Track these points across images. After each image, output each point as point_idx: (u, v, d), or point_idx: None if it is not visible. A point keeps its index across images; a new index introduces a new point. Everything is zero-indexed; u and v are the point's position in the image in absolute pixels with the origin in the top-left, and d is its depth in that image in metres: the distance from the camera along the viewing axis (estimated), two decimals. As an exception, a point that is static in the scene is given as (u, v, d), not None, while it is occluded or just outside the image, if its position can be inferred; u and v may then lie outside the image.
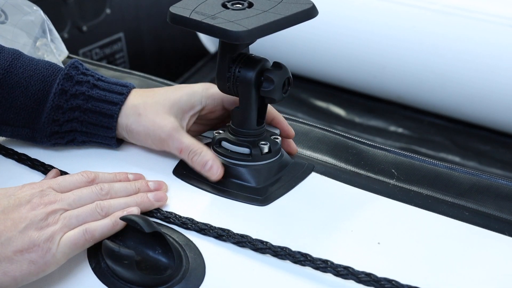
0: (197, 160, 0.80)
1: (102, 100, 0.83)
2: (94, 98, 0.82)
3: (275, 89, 0.78)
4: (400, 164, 0.86)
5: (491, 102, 1.63)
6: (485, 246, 0.74)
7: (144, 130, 0.82)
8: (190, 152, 0.80)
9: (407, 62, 1.69)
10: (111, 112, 0.82)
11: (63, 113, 0.82)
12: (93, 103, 0.82)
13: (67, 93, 0.82)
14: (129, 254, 0.68)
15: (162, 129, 0.81)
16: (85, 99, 0.82)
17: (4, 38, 0.98)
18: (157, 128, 0.81)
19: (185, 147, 0.81)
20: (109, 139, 0.84)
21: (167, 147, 0.82)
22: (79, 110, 0.82)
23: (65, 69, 0.83)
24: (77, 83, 0.83)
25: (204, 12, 0.75)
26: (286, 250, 0.70)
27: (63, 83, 0.82)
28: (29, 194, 0.71)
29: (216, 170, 0.79)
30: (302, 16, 0.76)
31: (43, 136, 0.83)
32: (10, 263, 0.67)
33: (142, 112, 0.82)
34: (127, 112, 0.82)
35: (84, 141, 0.85)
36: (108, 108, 0.82)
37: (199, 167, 0.80)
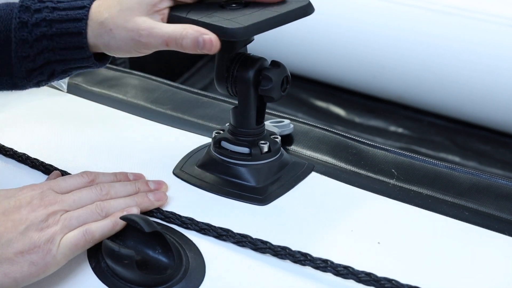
0: (187, 43, 0.74)
1: (65, 20, 0.77)
2: (56, 21, 0.77)
3: (274, 88, 0.78)
4: (400, 164, 0.86)
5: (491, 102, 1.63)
6: (485, 246, 0.74)
7: (122, 42, 0.76)
8: (176, 40, 0.75)
9: (407, 62, 1.69)
10: (78, 30, 0.77)
11: (30, 47, 0.77)
12: (57, 25, 0.77)
13: (28, 24, 0.77)
14: (129, 254, 0.68)
15: (139, 32, 0.75)
16: (48, 25, 0.77)
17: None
18: (133, 34, 0.75)
19: (168, 37, 0.75)
20: (86, 60, 0.79)
21: (153, 47, 0.77)
22: (45, 38, 0.77)
23: (20, 1, 0.78)
24: (35, 11, 0.78)
25: (201, 11, 0.75)
26: (286, 249, 0.70)
27: (20, 15, 0.77)
28: (29, 196, 0.71)
29: (210, 42, 0.74)
30: (298, 13, 0.76)
31: (21, 78, 0.79)
32: (10, 264, 0.67)
33: (112, 26, 0.76)
34: (99, 32, 0.77)
35: (65, 70, 0.80)
36: (74, 26, 0.77)
37: (192, 48, 0.75)
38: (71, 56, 0.78)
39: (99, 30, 0.77)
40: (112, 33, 0.76)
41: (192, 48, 0.74)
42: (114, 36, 0.76)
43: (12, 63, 0.78)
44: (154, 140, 0.91)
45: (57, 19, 0.77)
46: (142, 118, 0.97)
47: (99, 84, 1.05)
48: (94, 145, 0.87)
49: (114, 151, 0.86)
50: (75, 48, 0.77)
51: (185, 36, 0.74)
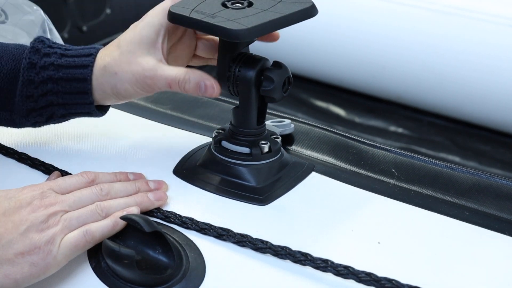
0: (190, 87, 0.77)
1: (72, 66, 0.80)
2: (64, 66, 0.80)
3: (275, 88, 0.78)
4: (400, 163, 0.86)
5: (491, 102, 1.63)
6: (485, 246, 0.74)
7: (129, 84, 0.79)
8: (179, 83, 0.78)
9: (407, 62, 1.69)
10: (84, 75, 0.80)
11: (35, 88, 0.80)
12: (64, 71, 0.80)
13: (36, 66, 0.80)
14: (129, 254, 0.68)
15: (144, 75, 0.78)
16: (55, 69, 0.80)
17: (4, 37, 0.98)
18: (139, 77, 0.78)
19: (172, 80, 0.78)
20: (87, 106, 0.81)
21: (158, 89, 0.79)
22: (51, 81, 0.80)
23: (31, 43, 0.81)
24: (44, 55, 0.81)
25: (204, 11, 0.75)
26: (286, 249, 0.70)
27: (31, 56, 0.80)
28: (29, 196, 0.71)
29: (211, 87, 0.77)
30: (302, 15, 0.76)
31: (21, 116, 0.81)
32: (11, 265, 0.67)
33: (117, 69, 0.79)
34: (104, 77, 0.79)
35: (64, 114, 0.82)
36: (80, 72, 0.80)
37: (194, 92, 0.78)
38: (74, 100, 0.81)
39: (104, 75, 0.80)
40: (117, 77, 0.79)
41: (194, 91, 0.78)
42: (120, 79, 0.79)
43: (15, 101, 0.81)
44: (154, 140, 0.91)
45: (64, 65, 0.80)
46: (142, 118, 0.97)
47: (99, 84, 1.04)
48: (94, 144, 0.87)
49: (114, 151, 0.86)
50: (78, 93, 0.80)
51: (188, 80, 0.77)
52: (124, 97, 0.81)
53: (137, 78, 0.78)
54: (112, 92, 0.80)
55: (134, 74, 0.78)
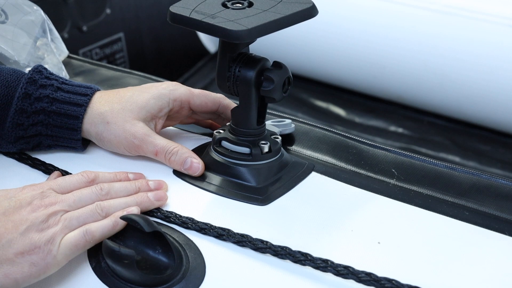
0: (175, 160, 0.81)
1: (67, 102, 0.82)
2: (58, 101, 0.82)
3: (275, 89, 0.78)
4: (400, 163, 0.86)
5: (491, 102, 1.63)
6: (485, 246, 0.74)
7: (115, 138, 0.82)
8: (166, 153, 0.81)
9: (407, 62, 1.69)
10: (76, 114, 0.82)
11: (27, 117, 0.82)
12: (58, 105, 0.82)
13: (31, 97, 0.81)
14: (129, 254, 0.68)
15: (134, 135, 0.81)
16: (49, 102, 0.82)
17: (4, 38, 0.98)
18: (128, 135, 0.81)
19: (160, 149, 0.81)
20: (74, 141, 0.84)
21: (142, 152, 0.82)
22: (44, 113, 0.82)
23: (29, 73, 0.83)
24: (41, 86, 0.82)
25: (204, 12, 0.75)
26: (286, 249, 0.70)
27: (27, 86, 0.82)
28: (29, 196, 0.71)
29: (197, 166, 0.80)
30: (302, 15, 0.76)
31: (8, 142, 0.83)
32: (11, 265, 0.67)
33: (110, 119, 0.82)
34: (95, 121, 0.82)
35: (50, 145, 0.84)
36: (73, 110, 0.82)
37: (178, 166, 0.81)
38: (62, 134, 0.83)
39: (95, 119, 0.82)
40: (108, 126, 0.81)
41: (178, 166, 0.81)
42: (109, 129, 0.81)
43: (4, 127, 0.82)
44: (154, 140, 0.91)
45: (59, 99, 0.82)
46: (142, 118, 0.97)
47: (99, 84, 1.04)
48: (94, 144, 0.87)
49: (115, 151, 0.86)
50: (68, 128, 0.83)
51: (175, 153, 0.81)
52: (103, 145, 0.84)
53: (126, 135, 0.81)
54: (96, 137, 0.83)
55: (125, 131, 0.81)
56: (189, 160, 0.80)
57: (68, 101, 0.82)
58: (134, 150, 0.82)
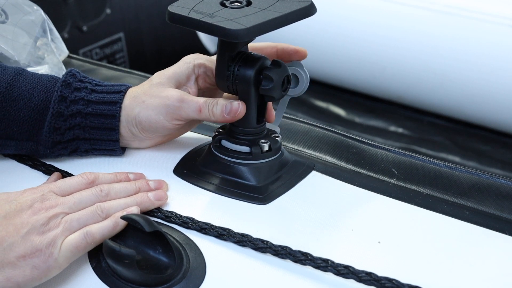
0: (217, 109, 0.79)
1: (102, 103, 0.83)
2: (93, 102, 0.83)
3: (275, 87, 0.78)
4: (400, 163, 0.86)
5: (491, 102, 1.63)
6: (485, 246, 0.74)
7: (153, 110, 0.81)
8: (209, 105, 0.80)
9: (407, 62, 1.70)
10: (112, 112, 0.82)
11: (64, 120, 0.82)
12: (93, 106, 0.82)
13: (67, 100, 0.82)
14: (129, 254, 0.68)
15: (172, 98, 0.81)
16: (85, 104, 0.82)
17: (5, 37, 0.98)
18: (166, 100, 0.81)
19: (203, 103, 0.80)
20: (112, 143, 0.83)
21: (184, 114, 0.81)
22: (80, 115, 0.82)
23: (63, 77, 0.84)
24: (75, 89, 0.83)
25: (203, 11, 0.75)
26: (286, 249, 0.70)
27: (62, 89, 0.82)
28: (30, 199, 0.71)
29: (236, 107, 0.79)
30: (301, 14, 0.76)
31: (46, 147, 0.83)
32: (13, 268, 0.67)
33: (145, 98, 0.82)
34: (132, 105, 0.82)
35: (87, 149, 0.84)
36: (109, 109, 0.82)
37: (220, 114, 0.79)
38: (100, 136, 0.83)
39: (131, 104, 0.82)
40: (144, 104, 0.81)
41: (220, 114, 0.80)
42: (146, 106, 0.81)
43: (42, 132, 0.82)
44: (155, 140, 0.91)
45: (94, 100, 0.83)
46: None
47: (99, 84, 1.04)
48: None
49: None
50: (105, 129, 0.83)
51: (216, 103, 0.80)
52: (144, 128, 0.83)
53: (164, 102, 0.81)
54: (135, 121, 0.82)
55: (162, 98, 0.81)
56: (228, 105, 0.79)
57: (103, 100, 0.82)
58: (176, 114, 0.81)
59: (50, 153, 0.83)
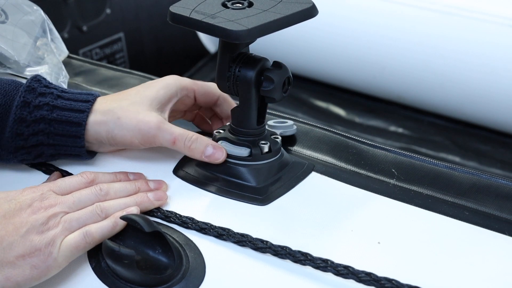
0: (196, 147, 0.79)
1: (68, 109, 0.80)
2: (59, 108, 0.80)
3: (275, 89, 0.78)
4: (400, 163, 0.86)
5: (491, 102, 1.63)
6: (485, 246, 0.74)
7: (128, 132, 0.79)
8: (186, 140, 0.79)
9: (407, 62, 1.69)
10: (79, 120, 0.79)
11: (27, 126, 0.79)
12: (58, 112, 0.79)
13: (30, 105, 0.79)
14: (129, 254, 0.68)
15: (149, 124, 0.78)
16: (50, 110, 0.79)
17: (4, 38, 0.98)
18: (143, 125, 0.78)
19: (179, 136, 0.79)
20: (78, 149, 0.81)
21: (158, 142, 0.79)
22: (44, 121, 0.79)
23: (27, 82, 0.81)
24: (40, 94, 0.80)
25: (204, 12, 0.75)
26: (286, 249, 0.70)
27: (25, 95, 0.79)
28: (29, 198, 0.71)
29: (220, 153, 0.78)
30: (302, 15, 0.76)
31: (8, 153, 0.80)
32: (12, 268, 0.67)
33: (121, 114, 0.79)
34: (104, 119, 0.79)
35: (53, 154, 0.81)
36: (75, 116, 0.79)
37: (198, 154, 0.79)
38: (65, 143, 0.80)
39: (105, 117, 0.79)
40: (119, 122, 0.79)
41: (198, 154, 0.78)
42: (121, 124, 0.79)
43: (4, 137, 0.79)
44: (154, 140, 0.91)
45: (59, 106, 0.79)
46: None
47: (99, 84, 1.04)
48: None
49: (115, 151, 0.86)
50: (70, 136, 0.80)
51: (195, 140, 0.78)
52: (116, 144, 0.81)
53: (140, 127, 0.78)
54: (107, 136, 0.80)
55: (139, 122, 0.79)
56: (210, 148, 0.78)
57: (69, 107, 0.80)
58: (150, 141, 0.79)
59: (13, 157, 0.81)
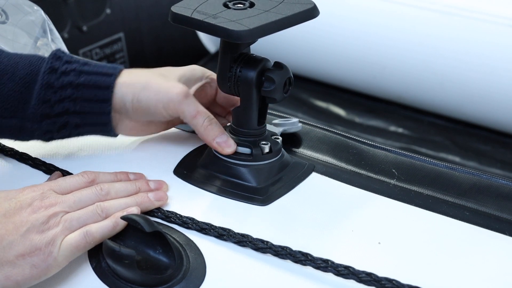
0: (212, 129, 0.78)
1: (96, 73, 0.79)
2: (86, 72, 0.79)
3: (276, 89, 0.78)
4: (400, 164, 0.86)
5: (491, 102, 1.63)
6: (485, 246, 0.74)
7: (155, 95, 0.78)
8: (206, 118, 0.79)
9: (407, 62, 1.70)
10: (106, 83, 0.78)
11: (54, 92, 0.78)
12: (86, 77, 0.79)
13: (57, 71, 0.79)
14: (129, 254, 0.68)
15: (177, 90, 0.78)
16: (77, 75, 0.79)
17: (5, 38, 0.98)
18: (171, 90, 0.78)
19: (202, 112, 0.79)
20: (104, 116, 0.79)
21: (181, 111, 0.79)
22: (71, 86, 0.78)
23: (53, 51, 0.81)
24: (66, 62, 0.80)
25: (206, 12, 0.75)
26: (287, 249, 0.70)
27: (52, 61, 0.79)
28: (30, 197, 0.71)
29: (230, 144, 0.78)
30: (304, 16, 0.76)
31: (33, 122, 0.79)
32: (12, 267, 0.67)
33: (150, 80, 0.79)
34: (133, 81, 0.79)
35: (78, 124, 0.80)
36: (103, 80, 0.79)
37: (212, 137, 0.78)
38: (91, 109, 0.79)
39: (133, 80, 0.79)
40: (147, 84, 0.79)
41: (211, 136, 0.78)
42: (149, 87, 0.78)
43: (29, 105, 0.78)
44: (155, 140, 0.91)
45: (87, 71, 0.79)
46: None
47: (99, 84, 1.04)
48: (95, 144, 0.87)
49: (115, 151, 0.86)
50: (97, 100, 0.79)
51: (215, 122, 0.79)
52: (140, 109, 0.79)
53: (169, 90, 0.78)
54: (132, 99, 0.79)
55: (168, 87, 0.79)
56: (224, 136, 0.78)
57: (97, 71, 0.79)
58: (173, 108, 0.79)
59: (38, 128, 0.80)
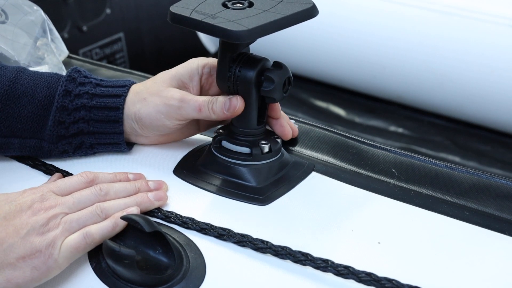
0: (217, 106, 0.80)
1: (106, 96, 0.83)
2: (97, 95, 0.83)
3: (276, 89, 0.78)
4: (400, 163, 0.86)
5: (491, 102, 1.63)
6: (485, 246, 0.74)
7: (154, 108, 0.81)
8: (208, 104, 0.80)
9: (407, 62, 1.70)
10: (116, 105, 0.82)
11: (68, 114, 0.82)
12: (97, 99, 0.83)
13: (71, 94, 0.82)
14: (129, 254, 0.68)
15: (172, 97, 0.81)
16: (89, 98, 0.83)
17: (5, 38, 0.98)
18: (166, 100, 0.81)
19: (203, 102, 0.80)
20: (117, 135, 0.83)
21: (184, 113, 0.81)
22: (84, 109, 0.82)
23: (68, 72, 0.84)
24: (80, 84, 0.83)
25: (205, 12, 0.75)
26: (286, 249, 0.70)
27: (67, 84, 0.83)
28: (30, 200, 0.71)
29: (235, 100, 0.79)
30: (303, 15, 0.76)
31: (50, 143, 0.83)
32: (13, 270, 0.67)
33: (146, 95, 0.82)
34: (133, 100, 0.83)
35: (92, 144, 0.84)
36: (113, 101, 0.83)
37: (221, 111, 0.80)
38: (104, 129, 0.83)
39: (133, 100, 0.83)
40: (145, 102, 0.82)
41: (220, 110, 0.80)
42: (147, 103, 0.82)
43: (46, 127, 0.82)
44: (155, 140, 0.92)
45: (98, 94, 0.83)
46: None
47: (99, 84, 1.04)
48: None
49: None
50: (109, 121, 0.83)
51: (215, 100, 0.80)
52: (144, 125, 0.83)
53: (164, 101, 0.81)
54: (135, 117, 0.82)
55: (162, 97, 0.81)
56: (227, 101, 0.79)
57: (107, 94, 0.83)
58: (176, 114, 0.81)
59: (55, 148, 0.83)
